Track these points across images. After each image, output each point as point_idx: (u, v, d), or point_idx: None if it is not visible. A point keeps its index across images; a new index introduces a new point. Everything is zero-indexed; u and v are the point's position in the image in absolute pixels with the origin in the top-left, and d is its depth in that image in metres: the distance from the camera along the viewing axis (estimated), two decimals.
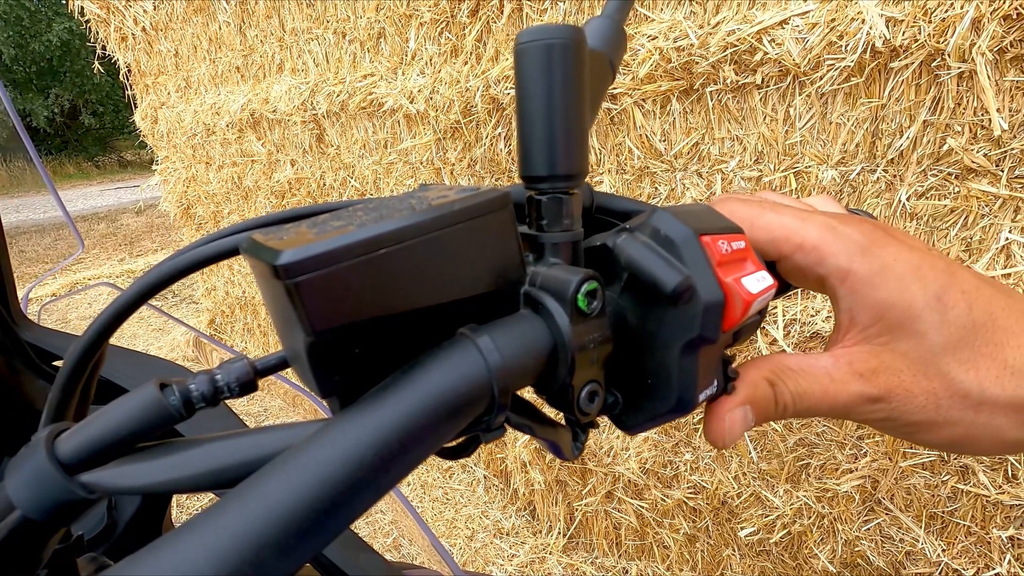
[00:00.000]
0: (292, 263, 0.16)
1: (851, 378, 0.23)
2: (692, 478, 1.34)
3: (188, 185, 2.82)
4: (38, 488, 0.18)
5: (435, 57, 1.46)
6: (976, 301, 0.22)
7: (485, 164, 1.46)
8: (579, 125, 0.22)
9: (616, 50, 0.27)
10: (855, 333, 0.24)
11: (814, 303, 1.08)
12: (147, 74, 2.72)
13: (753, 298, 0.21)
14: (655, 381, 0.22)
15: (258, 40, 2.03)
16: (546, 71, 0.21)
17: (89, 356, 0.21)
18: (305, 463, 0.16)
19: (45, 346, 0.40)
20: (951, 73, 0.82)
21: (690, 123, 1.11)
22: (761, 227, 0.25)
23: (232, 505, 0.16)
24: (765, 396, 0.23)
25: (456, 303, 0.20)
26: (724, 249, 0.21)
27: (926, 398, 0.22)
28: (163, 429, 0.20)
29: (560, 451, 0.24)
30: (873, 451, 1.08)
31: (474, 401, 0.18)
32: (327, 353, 0.18)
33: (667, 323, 0.21)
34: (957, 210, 0.90)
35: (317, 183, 2.06)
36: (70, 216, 0.54)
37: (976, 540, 1.02)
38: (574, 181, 0.22)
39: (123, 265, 5.10)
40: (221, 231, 0.22)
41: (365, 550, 0.34)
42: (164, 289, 0.21)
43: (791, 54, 0.93)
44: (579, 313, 0.20)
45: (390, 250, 0.17)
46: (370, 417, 0.17)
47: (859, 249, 0.23)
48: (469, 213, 0.19)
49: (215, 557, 0.15)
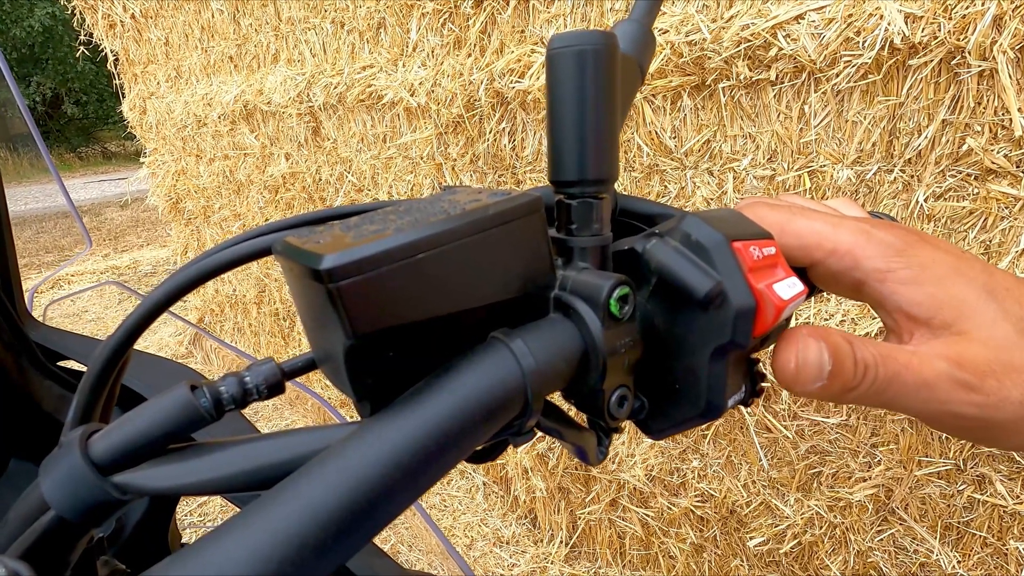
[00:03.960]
0: (335, 267, 0.16)
1: (937, 359, 0.22)
2: (700, 486, 1.35)
3: (177, 178, 2.82)
4: (72, 489, 0.19)
5: (437, 49, 1.46)
6: (1021, 297, 0.23)
7: (488, 160, 1.46)
8: (610, 130, 0.23)
9: (645, 54, 0.28)
10: (920, 331, 0.23)
11: (827, 306, 1.09)
12: (136, 63, 2.72)
13: (785, 304, 0.21)
14: (683, 386, 0.23)
15: (252, 29, 2.04)
16: (579, 77, 0.22)
17: (117, 357, 0.22)
18: (344, 464, 0.17)
19: (51, 346, 0.40)
20: (971, 71, 0.83)
21: (701, 120, 1.12)
22: (792, 232, 0.25)
23: (273, 505, 0.17)
24: (842, 346, 0.22)
25: (488, 307, 0.21)
26: (755, 255, 0.22)
27: (1019, 391, 0.21)
28: (194, 431, 0.21)
29: (586, 455, 0.24)
30: (887, 459, 1.09)
31: (509, 404, 0.19)
32: (363, 356, 0.18)
33: (697, 328, 0.22)
34: (976, 212, 0.91)
35: (313, 178, 2.07)
36: (78, 212, 0.54)
37: (992, 551, 1.04)
38: (604, 186, 0.23)
39: (108, 261, 5.09)
40: (249, 232, 0.23)
41: (379, 555, 0.35)
42: (193, 290, 0.22)
43: (806, 50, 0.93)
44: (611, 318, 0.21)
45: (428, 255, 0.18)
46: (407, 419, 0.18)
47: (894, 251, 0.24)
48: (503, 217, 0.20)
49: (258, 556, 0.16)
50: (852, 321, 1.06)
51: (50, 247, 5.87)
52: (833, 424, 1.12)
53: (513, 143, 1.40)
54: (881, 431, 1.08)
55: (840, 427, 1.12)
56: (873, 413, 1.08)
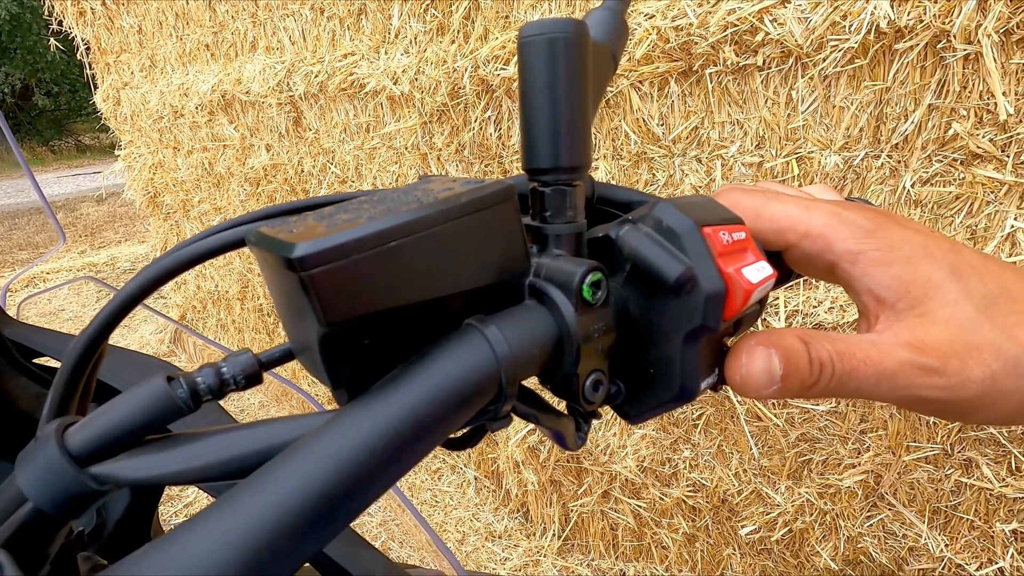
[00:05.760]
0: (307, 255, 0.17)
1: (897, 347, 0.23)
2: (691, 476, 1.37)
3: (155, 171, 2.78)
4: (49, 480, 0.20)
5: (420, 35, 1.46)
6: (986, 275, 0.24)
7: (474, 149, 1.46)
8: (582, 118, 0.23)
9: (618, 42, 0.29)
10: (886, 313, 0.24)
11: (816, 293, 1.11)
12: (108, 52, 2.67)
13: (753, 287, 0.22)
14: (658, 370, 0.24)
15: (229, 16, 2.01)
16: (550, 65, 0.22)
17: (93, 350, 0.22)
18: (319, 451, 0.18)
19: (26, 343, 0.40)
20: (957, 55, 0.85)
21: (689, 107, 1.12)
22: (766, 217, 0.26)
23: (249, 493, 0.17)
24: (795, 348, 0.23)
25: (462, 295, 0.21)
26: (725, 240, 0.23)
27: (980, 369, 0.23)
28: (171, 422, 0.21)
29: (564, 441, 0.25)
30: (876, 445, 1.11)
31: (483, 390, 0.20)
32: (338, 344, 0.19)
33: (669, 313, 0.23)
34: (962, 197, 0.93)
35: (295, 169, 2.05)
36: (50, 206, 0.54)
37: (979, 534, 1.07)
38: (577, 173, 0.24)
39: (84, 258, 5.03)
40: (223, 224, 0.23)
41: (367, 548, 0.36)
42: (169, 281, 0.22)
43: (793, 35, 0.94)
44: (584, 303, 0.22)
45: (400, 243, 0.19)
46: (382, 406, 0.19)
47: (865, 232, 0.25)
48: (475, 205, 0.20)
49: (235, 542, 0.16)
50: (841, 308, 1.08)
51: (23, 244, 5.79)
52: (822, 411, 1.14)
53: (499, 132, 1.40)
54: (870, 417, 1.10)
55: (829, 414, 1.14)
56: (862, 399, 1.10)
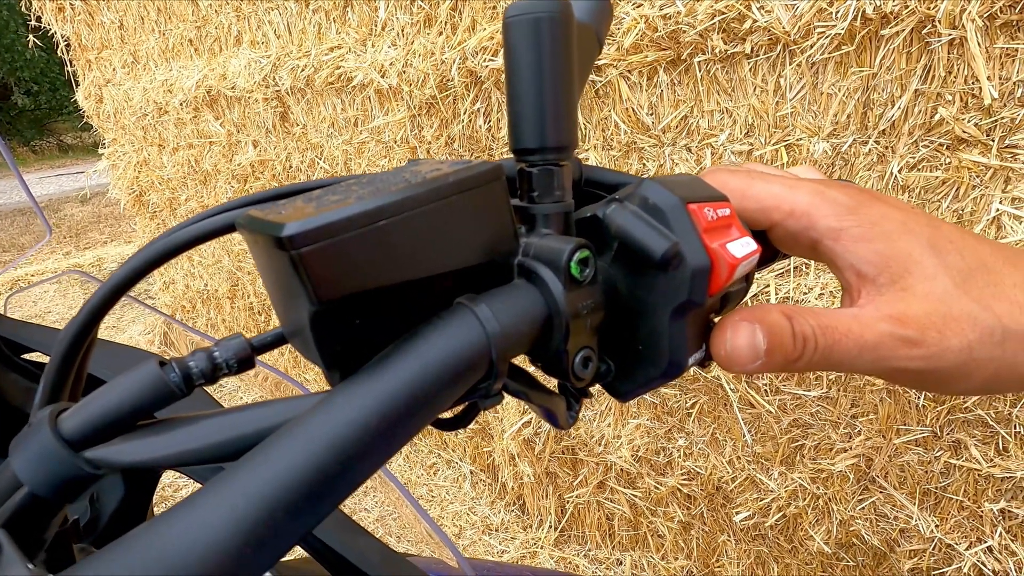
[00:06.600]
0: (297, 234, 0.17)
1: (879, 320, 0.24)
2: (686, 464, 1.38)
3: (140, 170, 2.76)
4: (44, 465, 0.20)
5: (407, 27, 1.45)
6: (964, 250, 0.25)
7: (463, 142, 1.46)
8: (568, 98, 0.24)
9: (602, 23, 0.29)
10: (867, 288, 0.25)
11: (806, 279, 1.12)
12: (89, 48, 2.64)
13: (738, 262, 0.23)
14: (646, 347, 0.24)
15: (212, 10, 1.99)
16: (534, 44, 0.23)
17: (83, 337, 0.23)
18: (313, 429, 0.18)
19: (14, 338, 0.40)
20: (942, 40, 0.86)
21: (678, 95, 1.13)
22: (751, 196, 0.27)
23: (244, 472, 0.18)
24: (779, 323, 0.24)
25: (452, 274, 0.22)
26: (710, 216, 0.23)
27: (958, 340, 0.24)
28: (164, 406, 0.21)
29: (555, 419, 0.26)
30: (867, 429, 1.13)
31: (474, 367, 0.20)
32: (330, 323, 0.19)
33: (656, 289, 0.23)
34: (949, 181, 0.94)
35: (283, 165, 2.04)
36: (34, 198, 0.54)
37: (968, 514, 1.09)
38: (564, 153, 0.24)
39: (69, 259, 4.98)
40: (213, 209, 0.23)
41: (363, 534, 0.36)
42: (159, 267, 0.22)
43: (780, 22, 0.95)
44: (572, 281, 0.22)
45: (389, 222, 0.19)
46: (375, 384, 0.19)
47: (846, 210, 0.25)
48: (463, 185, 0.21)
49: (232, 519, 0.16)
50: (831, 294, 1.09)
51: (7, 244, 5.72)
52: (814, 397, 1.15)
53: (489, 124, 1.40)
54: (861, 402, 1.12)
55: (821, 399, 1.15)
56: (853, 384, 1.12)
